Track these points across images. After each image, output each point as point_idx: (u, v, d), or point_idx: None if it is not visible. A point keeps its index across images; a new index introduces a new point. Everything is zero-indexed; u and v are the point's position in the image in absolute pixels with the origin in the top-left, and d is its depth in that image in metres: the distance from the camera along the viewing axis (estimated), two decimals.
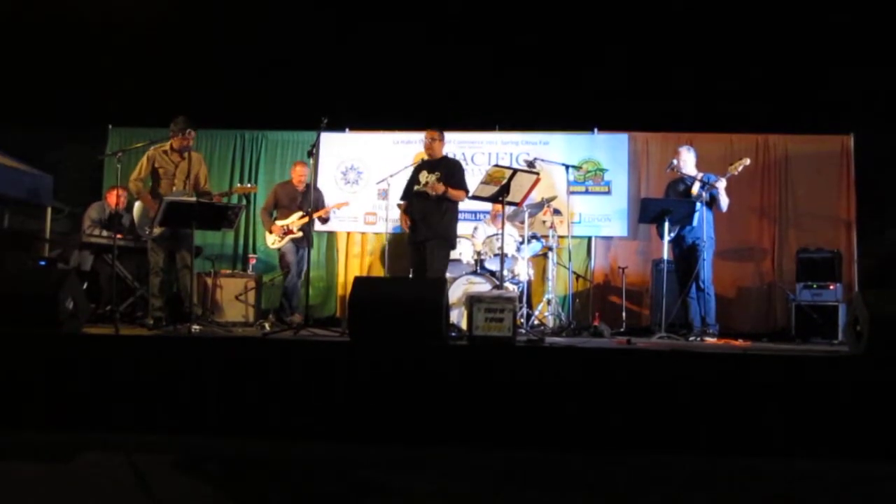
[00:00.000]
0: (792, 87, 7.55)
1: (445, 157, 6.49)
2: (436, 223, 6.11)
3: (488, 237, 6.82)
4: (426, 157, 6.42)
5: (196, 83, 7.80)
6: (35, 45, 7.65)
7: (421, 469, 3.40)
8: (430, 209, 6.12)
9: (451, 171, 6.24)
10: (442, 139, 6.41)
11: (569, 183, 6.99)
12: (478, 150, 8.43)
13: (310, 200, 6.83)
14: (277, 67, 7.82)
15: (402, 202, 6.47)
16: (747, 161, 6.33)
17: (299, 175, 7.13)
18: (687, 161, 6.46)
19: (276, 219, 7.14)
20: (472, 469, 3.40)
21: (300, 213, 6.92)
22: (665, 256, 6.48)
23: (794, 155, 8.06)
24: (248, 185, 7.27)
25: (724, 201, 6.30)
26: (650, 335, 6.17)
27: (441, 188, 6.03)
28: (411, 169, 6.55)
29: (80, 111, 8.09)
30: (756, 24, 7.24)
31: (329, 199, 7.52)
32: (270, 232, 7.14)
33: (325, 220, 7.21)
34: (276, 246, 7.12)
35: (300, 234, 6.96)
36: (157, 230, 5.88)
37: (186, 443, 3.69)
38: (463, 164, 8.28)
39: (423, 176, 6.22)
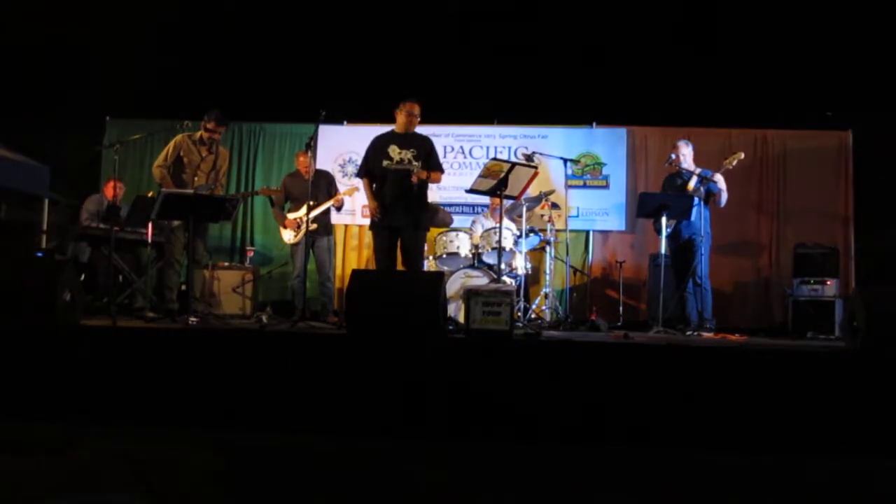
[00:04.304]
0: (791, 82, 7.54)
1: (416, 133, 5.82)
2: (415, 209, 5.66)
3: (486, 231, 6.82)
4: (397, 131, 5.79)
5: (193, 75, 7.78)
6: (32, 37, 7.62)
7: (418, 462, 3.41)
8: (407, 192, 5.60)
9: (428, 150, 5.73)
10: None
11: (567, 177, 6.98)
12: (476, 144, 8.42)
13: (320, 189, 6.64)
14: (275, 59, 7.80)
15: (362, 178, 5.87)
16: (741, 155, 6.35)
17: (304, 164, 6.71)
18: (685, 155, 6.46)
19: (288, 211, 6.90)
20: (470, 462, 3.41)
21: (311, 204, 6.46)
22: (662, 251, 6.49)
23: (793, 150, 8.07)
24: (274, 188, 7.13)
25: (723, 196, 6.31)
26: (647, 329, 6.17)
27: (424, 175, 5.61)
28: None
29: (77, 102, 8.06)
30: (754, 19, 7.24)
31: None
32: (285, 227, 6.85)
33: (339, 208, 6.91)
34: (293, 241, 6.81)
35: (315, 225, 6.54)
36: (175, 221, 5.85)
37: (184, 435, 3.69)
38: (460, 157, 8.36)
39: (395, 152, 5.66)
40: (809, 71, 7.39)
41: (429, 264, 6.76)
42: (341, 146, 8.49)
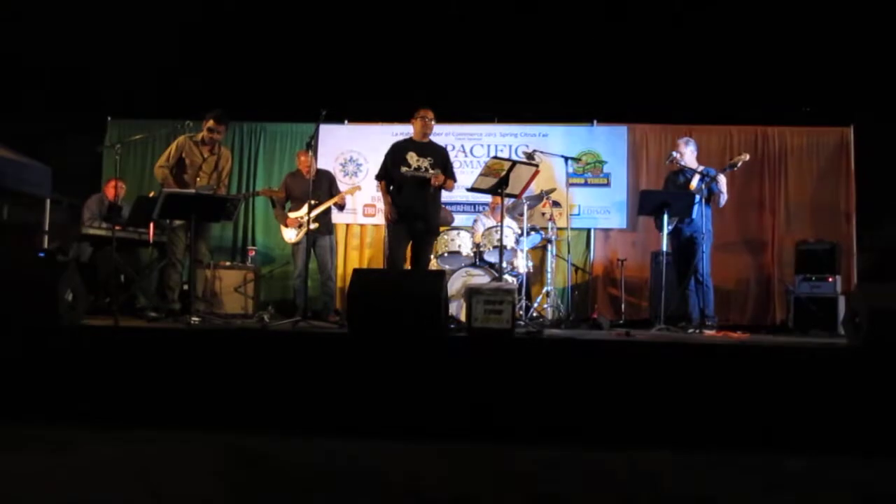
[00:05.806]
0: (791, 78, 7.53)
1: (432, 142, 6.11)
2: (433, 215, 5.97)
3: (487, 229, 6.82)
4: (415, 138, 6.05)
5: (194, 74, 7.78)
6: (33, 37, 7.62)
7: (420, 462, 3.41)
8: (427, 199, 5.87)
9: (445, 159, 6.01)
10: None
11: (568, 175, 6.98)
12: (477, 142, 8.42)
13: (321, 189, 6.65)
14: (275, 59, 7.79)
15: (380, 181, 6.07)
16: (746, 156, 6.32)
17: (305, 164, 6.77)
18: (686, 153, 6.45)
19: (289, 211, 6.92)
20: (470, 462, 3.41)
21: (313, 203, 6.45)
22: (664, 248, 6.49)
23: (794, 147, 8.07)
24: (275, 189, 7.16)
25: (722, 198, 6.30)
26: (649, 327, 6.17)
27: (442, 179, 5.83)
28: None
29: (78, 103, 8.07)
30: (755, 16, 7.22)
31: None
32: (286, 226, 6.89)
33: (341, 208, 6.97)
34: (294, 241, 6.84)
35: (316, 224, 6.61)
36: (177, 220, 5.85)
37: (187, 435, 3.69)
38: (461, 155, 8.36)
39: (413, 159, 5.90)
40: (810, 67, 7.38)
41: (430, 263, 6.77)
42: (342, 145, 8.50)
